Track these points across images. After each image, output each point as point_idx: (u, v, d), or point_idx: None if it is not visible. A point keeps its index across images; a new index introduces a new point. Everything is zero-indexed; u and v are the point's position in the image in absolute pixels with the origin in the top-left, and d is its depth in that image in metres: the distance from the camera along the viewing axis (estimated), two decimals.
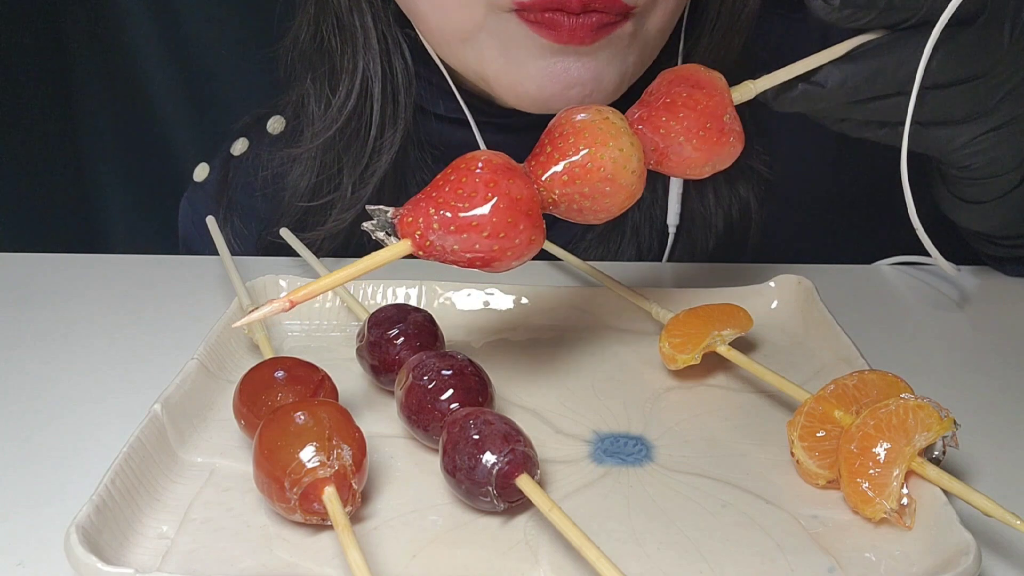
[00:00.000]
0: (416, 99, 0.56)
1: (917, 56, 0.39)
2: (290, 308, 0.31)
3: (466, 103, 0.55)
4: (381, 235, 0.33)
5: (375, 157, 0.56)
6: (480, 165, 0.33)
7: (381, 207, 0.33)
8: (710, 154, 0.37)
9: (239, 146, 0.64)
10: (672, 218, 0.59)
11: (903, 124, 0.42)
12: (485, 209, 0.32)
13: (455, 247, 0.33)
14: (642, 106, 0.38)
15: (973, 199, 0.50)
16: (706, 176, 0.39)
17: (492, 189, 0.33)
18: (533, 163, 0.35)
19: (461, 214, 0.32)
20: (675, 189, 0.59)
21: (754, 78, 0.40)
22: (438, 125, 0.58)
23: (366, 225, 0.33)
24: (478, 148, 0.56)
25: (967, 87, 0.42)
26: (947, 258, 0.50)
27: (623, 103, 0.40)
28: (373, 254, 0.33)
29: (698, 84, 0.38)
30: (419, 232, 0.33)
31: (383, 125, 0.56)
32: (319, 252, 0.56)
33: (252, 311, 0.31)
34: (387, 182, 0.57)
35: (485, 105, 0.54)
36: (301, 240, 0.52)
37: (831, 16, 0.39)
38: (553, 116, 0.36)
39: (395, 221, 0.33)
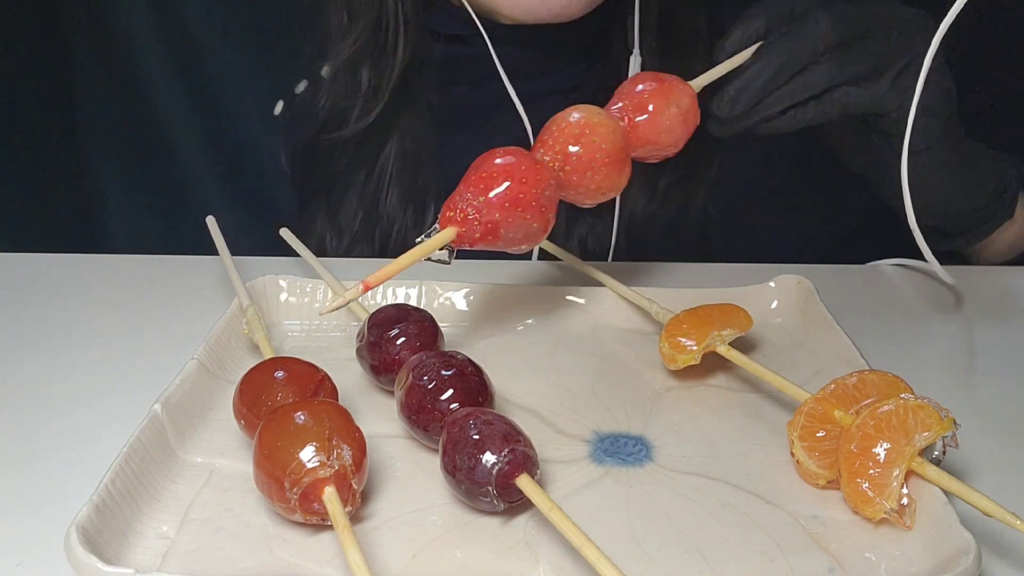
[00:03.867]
0: (425, 21, 0.62)
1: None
2: (365, 291, 0.34)
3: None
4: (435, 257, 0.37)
5: (389, 67, 0.62)
6: (495, 157, 0.38)
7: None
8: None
9: (301, 87, 0.72)
10: None
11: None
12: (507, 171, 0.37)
13: (496, 216, 0.36)
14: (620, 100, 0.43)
15: (912, 149, 0.50)
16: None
17: (507, 168, 0.37)
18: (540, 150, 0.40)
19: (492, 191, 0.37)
20: None
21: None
22: (444, 45, 0.64)
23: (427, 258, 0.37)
24: (485, 61, 0.58)
25: (862, 44, 0.45)
26: (944, 263, 0.50)
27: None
28: (422, 244, 0.36)
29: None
30: (460, 215, 0.36)
31: (396, 45, 0.62)
32: (319, 253, 0.56)
33: (337, 302, 0.33)
34: (398, 94, 0.63)
35: (489, 23, 0.58)
36: (299, 243, 0.52)
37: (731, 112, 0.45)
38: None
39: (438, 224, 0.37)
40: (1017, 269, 0.58)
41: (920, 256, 0.51)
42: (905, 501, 0.31)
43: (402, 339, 0.39)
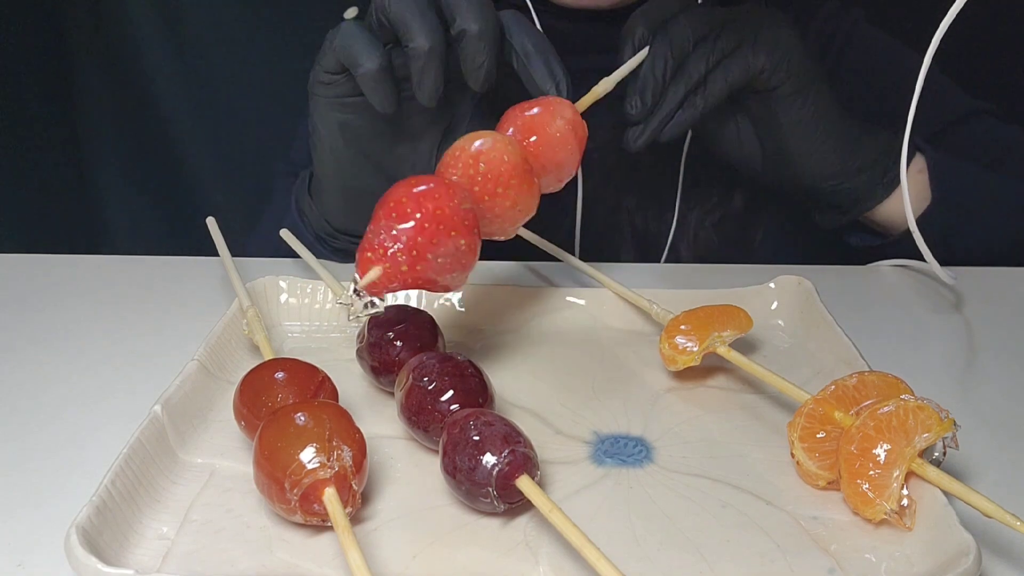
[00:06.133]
0: None
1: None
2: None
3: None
4: (362, 309, 0.35)
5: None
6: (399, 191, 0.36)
7: (346, 297, 0.35)
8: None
9: (351, 12, 0.72)
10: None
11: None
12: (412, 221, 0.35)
13: (418, 239, 0.34)
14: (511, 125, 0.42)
15: (800, 124, 0.54)
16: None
17: (416, 192, 0.35)
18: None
19: (407, 216, 0.35)
20: None
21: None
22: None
23: (353, 315, 0.35)
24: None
25: (720, 31, 0.51)
26: (944, 263, 0.50)
27: None
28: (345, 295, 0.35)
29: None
30: (380, 250, 0.34)
31: None
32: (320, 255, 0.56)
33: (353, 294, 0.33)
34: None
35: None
36: (299, 244, 0.52)
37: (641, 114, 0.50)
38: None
39: (358, 280, 0.34)
40: (1017, 269, 0.58)
41: (920, 256, 0.51)
42: (905, 502, 0.31)
43: (402, 340, 0.39)
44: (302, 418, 0.32)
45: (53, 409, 0.41)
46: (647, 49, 0.50)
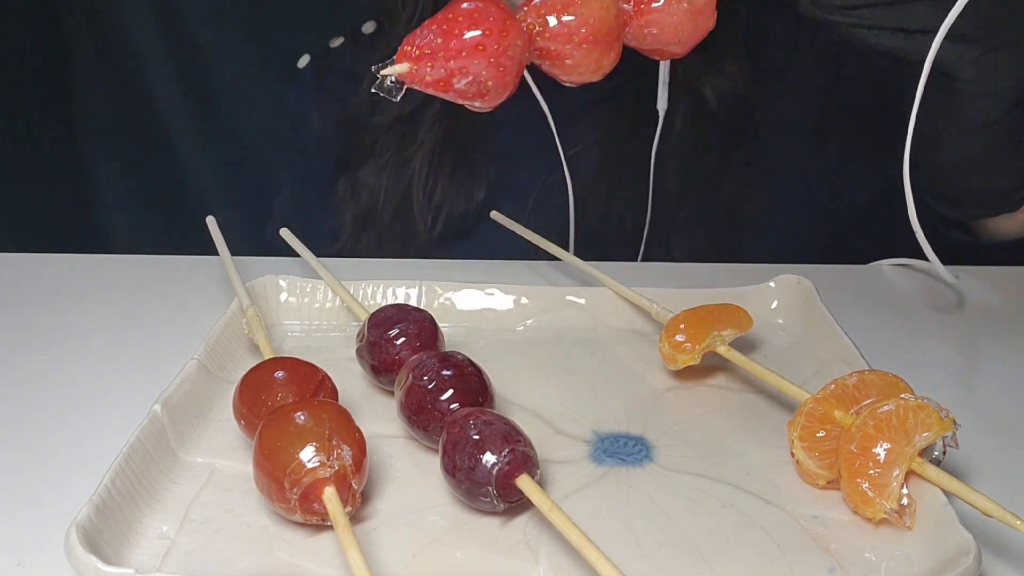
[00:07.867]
0: None
1: None
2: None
3: None
4: (388, 84, 0.35)
5: None
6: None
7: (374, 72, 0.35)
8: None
9: (336, 42, 0.74)
10: (661, 103, 0.61)
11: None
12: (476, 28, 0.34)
13: (450, 64, 0.34)
14: None
15: (972, 121, 0.51)
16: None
17: (475, 14, 0.34)
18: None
19: (453, 36, 0.34)
20: (663, 74, 0.61)
21: None
22: None
23: (375, 88, 0.35)
24: None
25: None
26: (946, 262, 0.50)
27: None
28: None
29: None
30: (416, 51, 0.34)
31: None
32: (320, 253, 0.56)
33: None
34: None
35: None
36: (299, 243, 0.52)
37: None
38: None
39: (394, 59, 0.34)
40: (1018, 269, 0.58)
41: (922, 255, 0.51)
42: (905, 501, 0.31)
43: (402, 339, 0.39)
44: (302, 417, 0.32)
45: (53, 409, 0.41)
46: None
